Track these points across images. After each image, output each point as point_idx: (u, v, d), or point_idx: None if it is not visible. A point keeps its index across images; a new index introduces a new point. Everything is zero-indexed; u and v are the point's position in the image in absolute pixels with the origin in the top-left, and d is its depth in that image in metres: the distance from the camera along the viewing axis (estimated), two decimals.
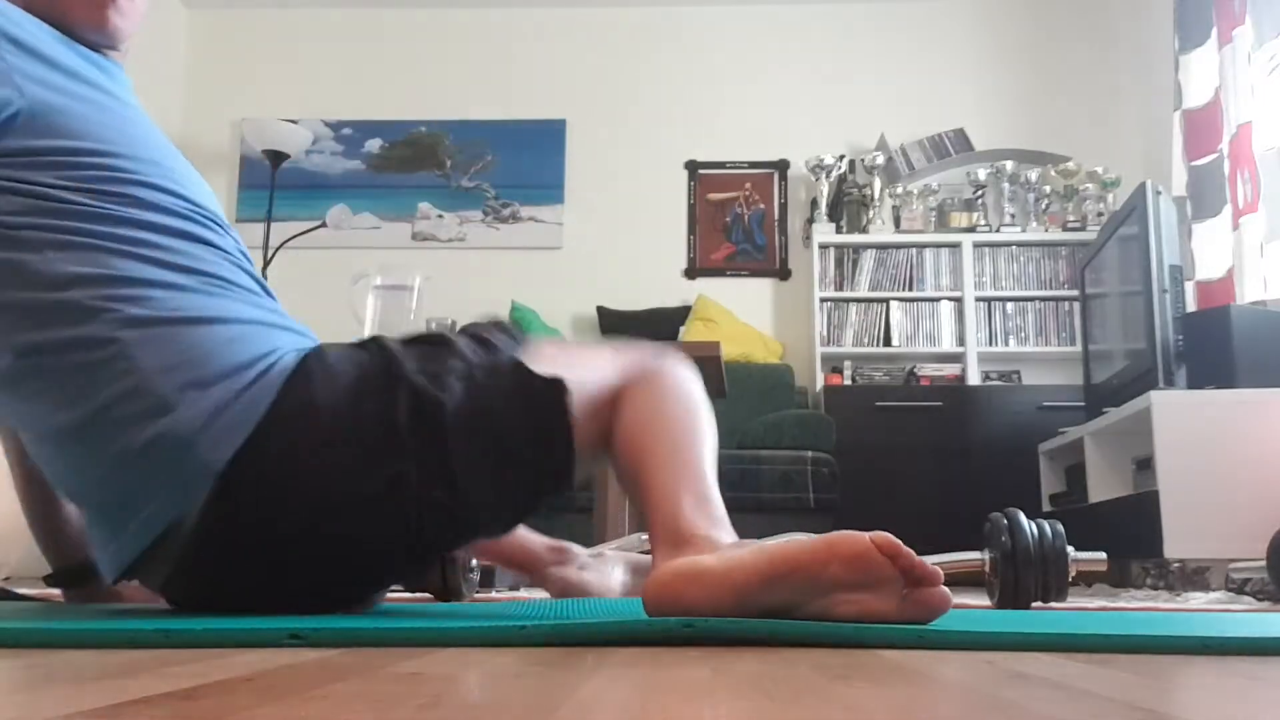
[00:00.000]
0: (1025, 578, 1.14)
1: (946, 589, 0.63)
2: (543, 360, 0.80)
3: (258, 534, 0.73)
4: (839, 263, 3.36)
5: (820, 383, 3.22)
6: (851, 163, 3.49)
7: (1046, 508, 2.73)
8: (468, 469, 0.75)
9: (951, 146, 3.49)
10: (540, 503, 0.83)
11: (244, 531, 0.73)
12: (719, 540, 0.70)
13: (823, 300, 3.30)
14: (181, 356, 0.72)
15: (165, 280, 0.74)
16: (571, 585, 1.16)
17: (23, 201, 0.73)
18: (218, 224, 0.82)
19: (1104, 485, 2.37)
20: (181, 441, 0.70)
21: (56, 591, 1.03)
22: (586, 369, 0.82)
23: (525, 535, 1.18)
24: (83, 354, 0.72)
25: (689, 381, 0.84)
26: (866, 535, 0.61)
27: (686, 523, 0.71)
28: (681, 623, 0.58)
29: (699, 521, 0.71)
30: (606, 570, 1.20)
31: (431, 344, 0.80)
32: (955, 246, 3.33)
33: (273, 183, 3.44)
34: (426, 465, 0.74)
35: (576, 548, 1.20)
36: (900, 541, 0.61)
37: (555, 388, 0.77)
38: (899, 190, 3.41)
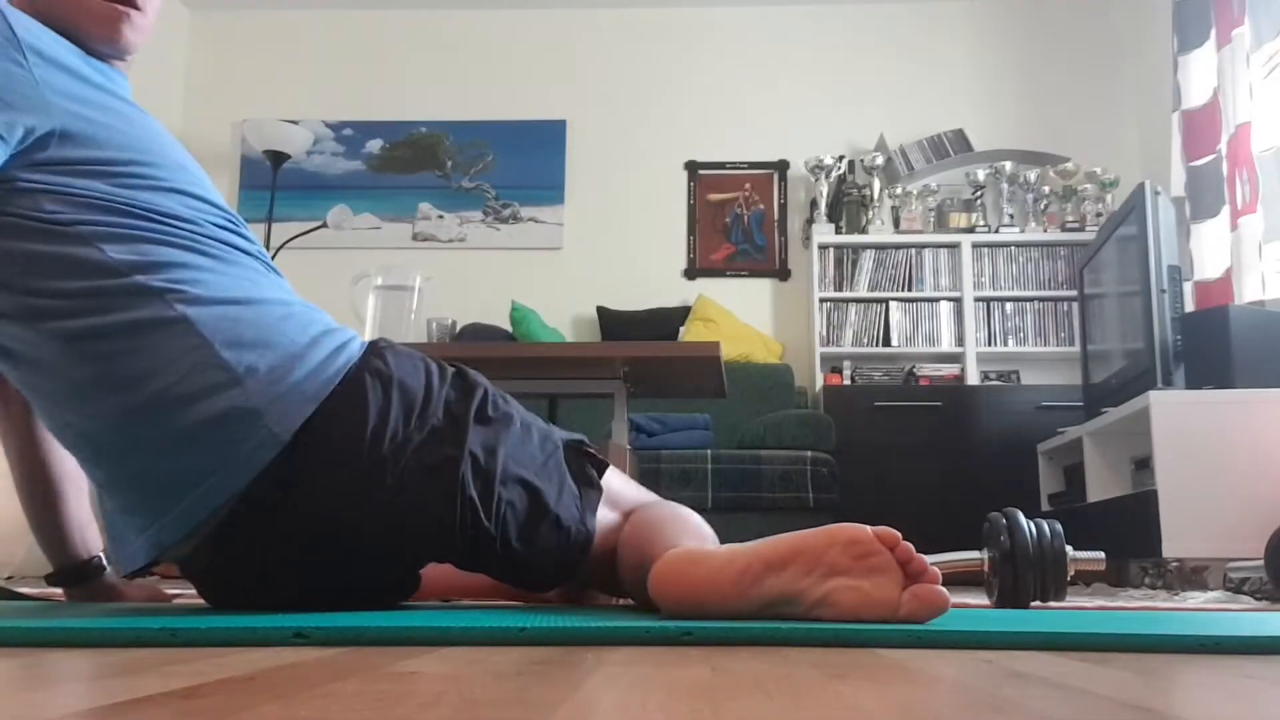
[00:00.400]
0: (1024, 577, 1.14)
1: (944, 589, 0.63)
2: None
3: (311, 506, 0.76)
4: (838, 263, 3.36)
5: (820, 383, 3.22)
6: (851, 163, 3.49)
7: (1045, 507, 2.73)
8: (505, 498, 0.80)
9: (950, 147, 3.50)
10: (555, 571, 0.87)
11: (297, 504, 0.75)
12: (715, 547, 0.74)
13: (822, 300, 3.31)
14: (247, 332, 0.76)
15: (215, 267, 0.78)
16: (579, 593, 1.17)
17: (69, 199, 0.75)
18: (238, 228, 0.85)
19: (1102, 485, 2.38)
20: (252, 412, 0.73)
21: (58, 590, 1.03)
22: (621, 482, 0.91)
23: None
24: (150, 333, 0.74)
25: (695, 515, 0.89)
26: (867, 526, 0.64)
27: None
28: (680, 629, 0.58)
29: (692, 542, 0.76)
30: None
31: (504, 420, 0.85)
32: (954, 247, 3.33)
33: (273, 183, 3.44)
34: (468, 475, 0.78)
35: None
36: (899, 534, 0.63)
37: (596, 463, 0.87)
38: (898, 191, 3.41)
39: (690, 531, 0.81)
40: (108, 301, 0.74)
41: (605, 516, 0.86)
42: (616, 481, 0.91)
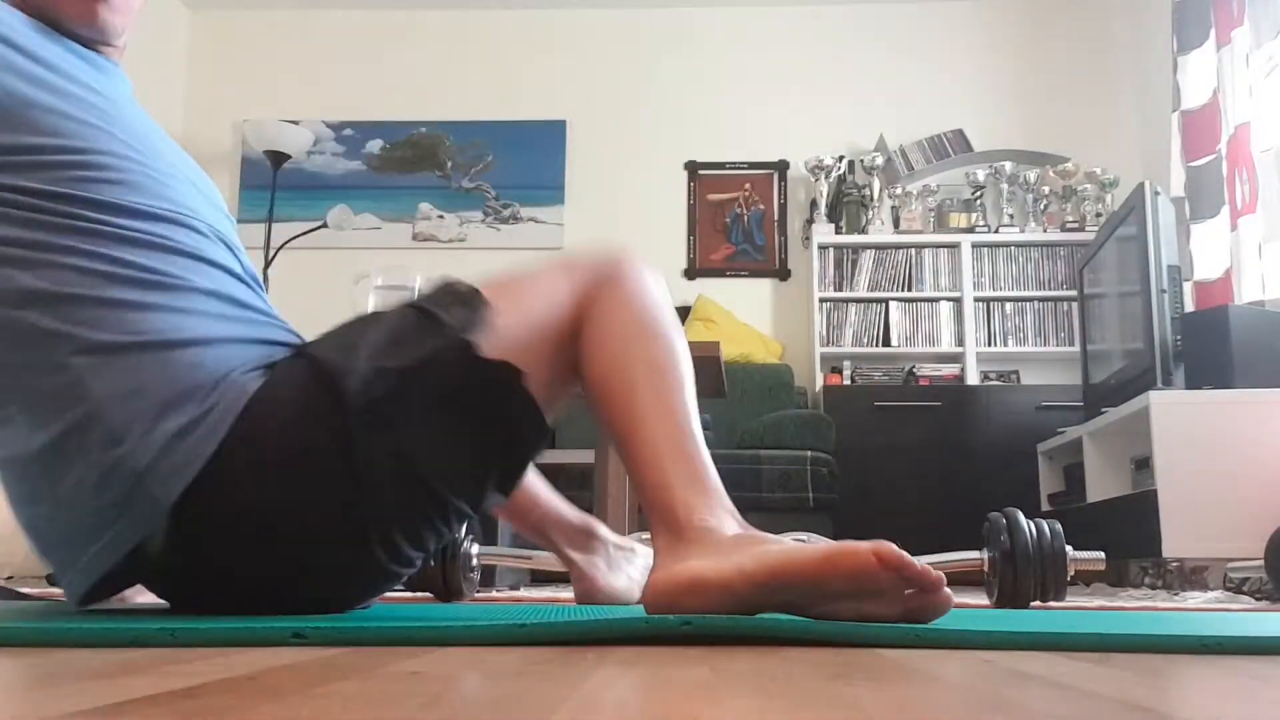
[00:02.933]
0: (1024, 577, 1.14)
1: (949, 590, 0.63)
2: (495, 316, 0.75)
3: (219, 562, 0.72)
4: (838, 263, 3.36)
5: (820, 383, 3.22)
6: (851, 163, 3.49)
7: (1045, 507, 2.73)
8: (430, 470, 0.73)
9: (950, 147, 3.50)
10: (522, 474, 0.81)
11: (205, 559, 0.72)
12: (718, 532, 0.68)
13: (822, 300, 3.31)
14: (136, 385, 0.69)
15: (128, 300, 0.71)
16: (599, 594, 1.11)
17: None
18: (196, 225, 0.78)
19: (1102, 485, 2.38)
20: (134, 475, 0.68)
21: (58, 590, 1.03)
22: (539, 301, 0.78)
23: (551, 501, 1.12)
24: (37, 379, 0.69)
25: (653, 294, 0.81)
26: (868, 547, 0.59)
27: (683, 509, 0.70)
28: (680, 620, 0.58)
29: (696, 509, 0.70)
30: (634, 573, 1.15)
31: (370, 338, 0.75)
32: (954, 247, 3.33)
33: (274, 183, 3.45)
34: (376, 480, 0.71)
35: (603, 531, 1.15)
36: (902, 552, 0.59)
37: (508, 373, 0.74)
38: (898, 191, 3.41)
39: (667, 400, 0.74)
40: (7, 338, 0.69)
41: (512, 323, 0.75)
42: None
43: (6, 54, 0.73)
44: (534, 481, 1.11)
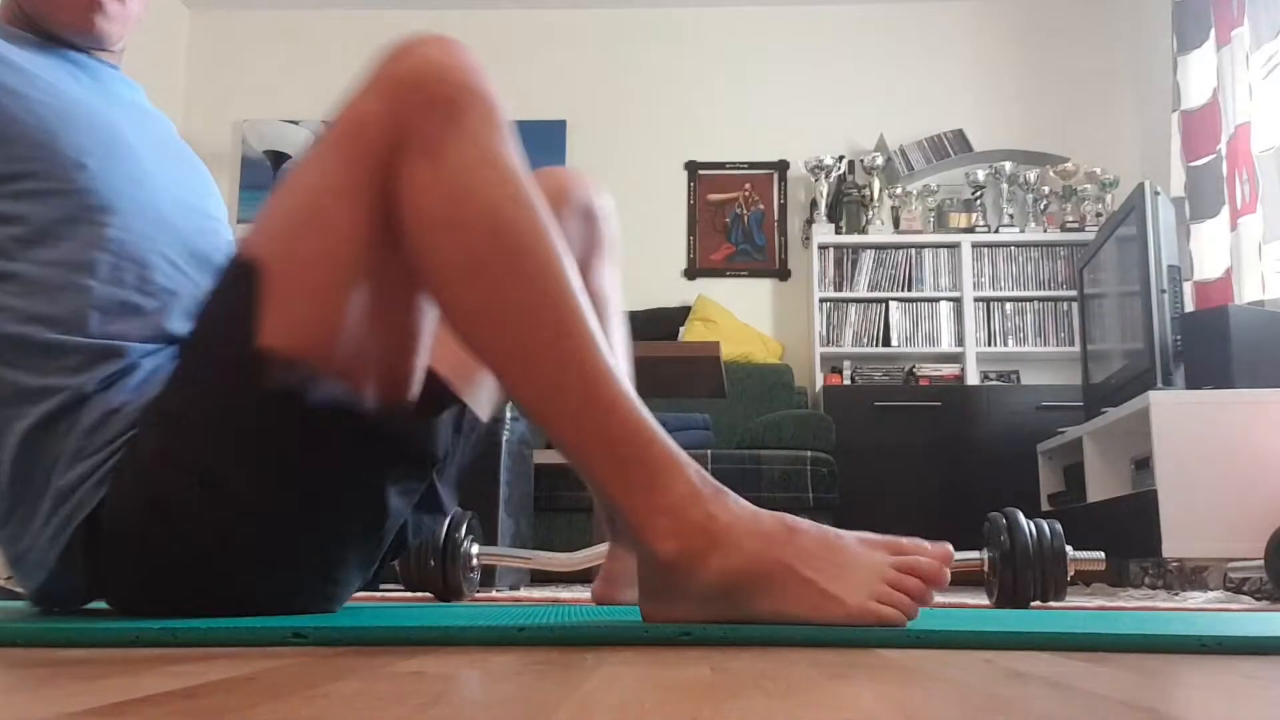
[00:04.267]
0: (1024, 577, 1.14)
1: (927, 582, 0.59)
2: (277, 302, 0.56)
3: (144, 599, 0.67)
4: (838, 263, 3.36)
5: (820, 383, 3.22)
6: (851, 163, 3.49)
7: (1045, 507, 2.73)
8: (283, 538, 0.63)
9: (950, 147, 3.50)
10: (412, 488, 0.67)
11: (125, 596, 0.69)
12: (687, 552, 0.57)
13: (822, 300, 3.31)
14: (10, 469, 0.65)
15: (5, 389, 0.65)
16: (618, 600, 1.02)
17: None
18: (117, 234, 0.69)
19: (1102, 485, 2.38)
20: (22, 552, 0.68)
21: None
22: (325, 236, 0.56)
23: None
24: None
25: (479, 153, 0.55)
26: (889, 614, 0.56)
27: (634, 521, 0.57)
28: (679, 630, 0.58)
29: (643, 510, 0.56)
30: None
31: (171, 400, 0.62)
32: (954, 247, 3.33)
33: (274, 183, 3.44)
34: (236, 566, 0.63)
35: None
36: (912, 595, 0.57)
37: (297, 398, 0.57)
38: (898, 191, 3.41)
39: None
40: None
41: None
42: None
43: None
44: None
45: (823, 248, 3.35)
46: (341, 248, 0.56)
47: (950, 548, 0.61)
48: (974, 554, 1.24)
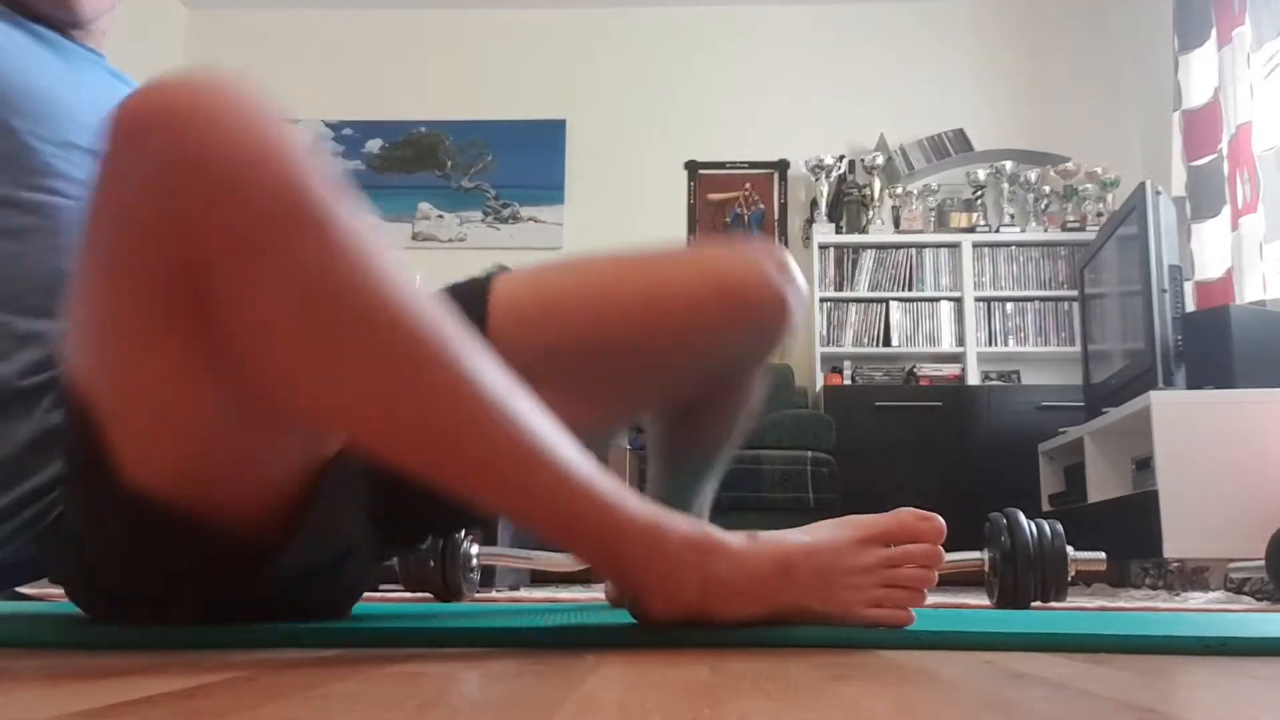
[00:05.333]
0: (1024, 577, 1.14)
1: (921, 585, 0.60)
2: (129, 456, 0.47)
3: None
4: (839, 263, 3.36)
5: (820, 383, 3.22)
6: (851, 163, 3.49)
7: (1046, 507, 2.73)
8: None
9: (951, 147, 3.49)
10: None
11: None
12: (677, 610, 0.53)
13: (822, 300, 3.31)
14: None
15: None
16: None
17: None
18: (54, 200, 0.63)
19: (1103, 485, 2.38)
20: None
21: (59, 591, 1.03)
22: (134, 373, 0.45)
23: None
24: None
25: (324, 239, 0.42)
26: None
27: (627, 591, 0.55)
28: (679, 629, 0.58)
29: (627, 583, 0.54)
30: None
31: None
32: (955, 247, 3.33)
33: None
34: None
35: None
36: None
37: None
38: (898, 190, 3.41)
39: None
40: None
41: None
42: None
43: None
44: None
45: (823, 247, 3.35)
46: (165, 383, 0.43)
47: (940, 521, 0.61)
48: (975, 554, 1.24)
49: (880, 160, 3.41)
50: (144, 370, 0.43)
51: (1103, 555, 1.24)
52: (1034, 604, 1.18)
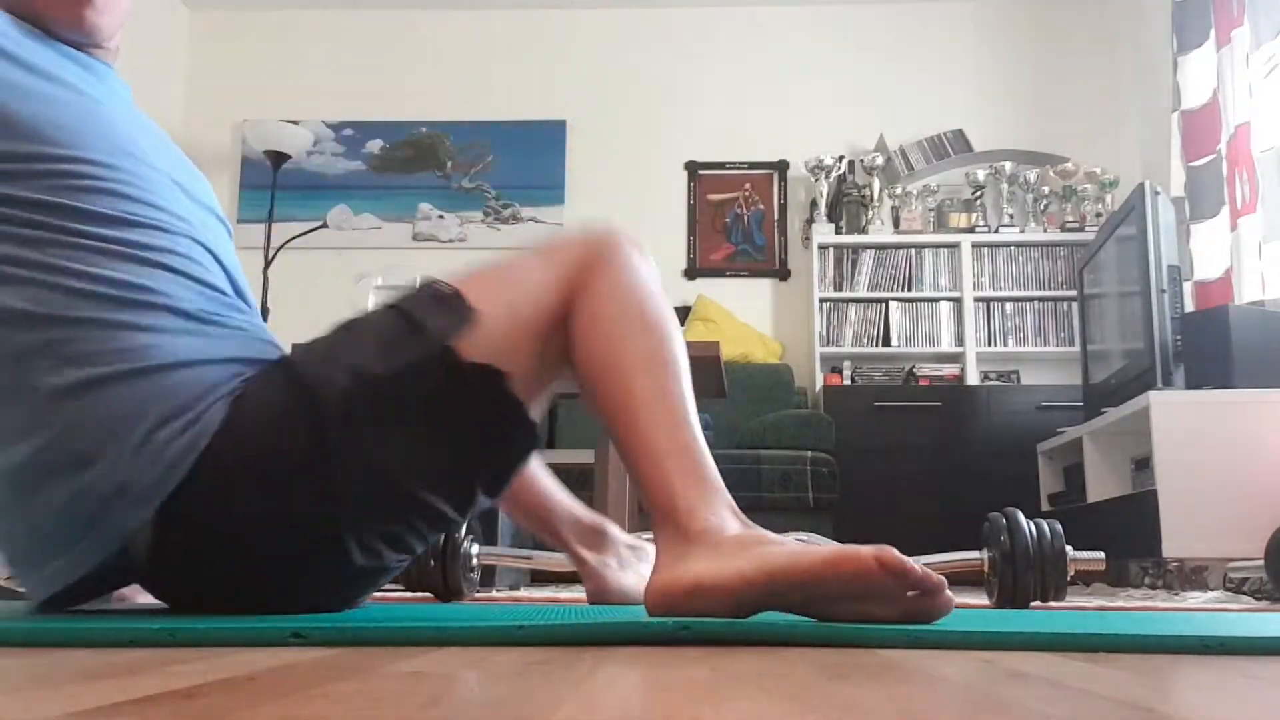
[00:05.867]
0: (1024, 577, 1.14)
1: (950, 593, 0.63)
2: (478, 316, 0.73)
3: (202, 569, 0.72)
4: (838, 263, 3.36)
5: (820, 383, 3.22)
6: (851, 163, 3.49)
7: (1045, 507, 2.73)
8: (408, 477, 0.72)
9: (950, 147, 3.50)
10: (510, 477, 0.81)
11: (188, 566, 0.72)
12: (719, 532, 0.68)
13: (822, 300, 3.31)
14: (105, 412, 0.68)
15: (102, 319, 0.70)
16: (610, 593, 1.10)
17: None
18: (175, 230, 0.76)
19: (1102, 485, 2.38)
20: (101, 499, 0.68)
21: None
22: (522, 293, 0.76)
23: (563, 502, 1.11)
24: (9, 401, 0.69)
25: (644, 280, 0.77)
26: (870, 551, 0.59)
27: (684, 508, 0.69)
28: (678, 624, 0.58)
29: (698, 509, 0.69)
30: (645, 571, 1.13)
31: (351, 347, 0.74)
32: (954, 247, 3.33)
33: (274, 183, 3.44)
34: (352, 487, 0.71)
35: (615, 531, 1.14)
36: (904, 558, 0.59)
37: (490, 378, 0.72)
38: (898, 191, 3.41)
39: (664, 393, 0.73)
40: None
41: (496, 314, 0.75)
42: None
43: None
44: (545, 480, 1.10)
45: (823, 248, 3.35)
46: (533, 311, 0.77)
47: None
48: (974, 554, 1.24)
49: (880, 160, 3.41)
50: (530, 300, 0.77)
51: (1102, 555, 1.24)
52: (1033, 604, 1.18)
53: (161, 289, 0.73)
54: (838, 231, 3.39)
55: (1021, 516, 1.18)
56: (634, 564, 1.14)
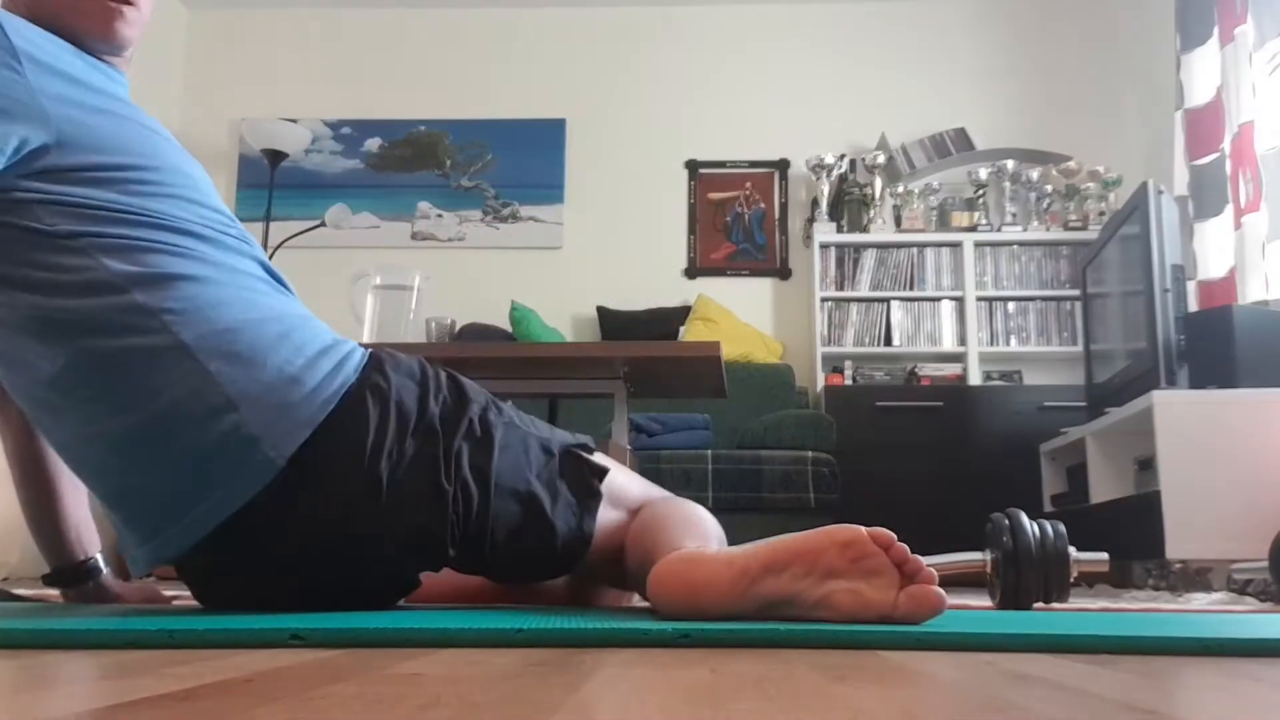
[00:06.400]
0: (1027, 578, 1.14)
1: (941, 590, 0.63)
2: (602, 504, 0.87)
3: (307, 521, 0.76)
4: (840, 262, 3.35)
5: (821, 383, 3.22)
6: (852, 162, 3.48)
7: (1048, 508, 2.72)
8: (500, 510, 0.81)
9: (952, 146, 3.49)
10: (553, 572, 0.89)
11: (294, 519, 0.76)
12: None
13: (823, 300, 3.30)
14: (244, 354, 0.75)
15: (214, 278, 0.77)
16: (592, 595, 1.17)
17: (67, 210, 0.75)
18: (237, 232, 0.85)
19: (1105, 485, 2.37)
20: (249, 438, 0.73)
21: (54, 591, 1.03)
22: (626, 480, 0.91)
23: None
24: (147, 359, 0.74)
25: (702, 510, 0.89)
26: (861, 527, 0.66)
27: (691, 544, 0.77)
28: (678, 630, 0.58)
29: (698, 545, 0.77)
30: None
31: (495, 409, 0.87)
32: (956, 246, 3.33)
33: (271, 182, 3.44)
34: (464, 487, 0.79)
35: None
36: (894, 535, 0.65)
37: (595, 470, 0.86)
38: (900, 189, 3.40)
39: (696, 531, 0.81)
40: (105, 322, 0.74)
41: (609, 516, 0.87)
42: (621, 479, 0.91)
43: (57, 85, 0.76)
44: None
45: (824, 247, 3.35)
46: (629, 493, 0.91)
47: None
48: (976, 555, 1.24)
49: (881, 159, 3.40)
50: (624, 499, 0.91)
51: (1105, 556, 1.23)
52: (1036, 605, 1.17)
53: (253, 271, 0.82)
54: (839, 230, 3.38)
55: (1024, 517, 1.18)
56: None
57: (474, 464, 0.79)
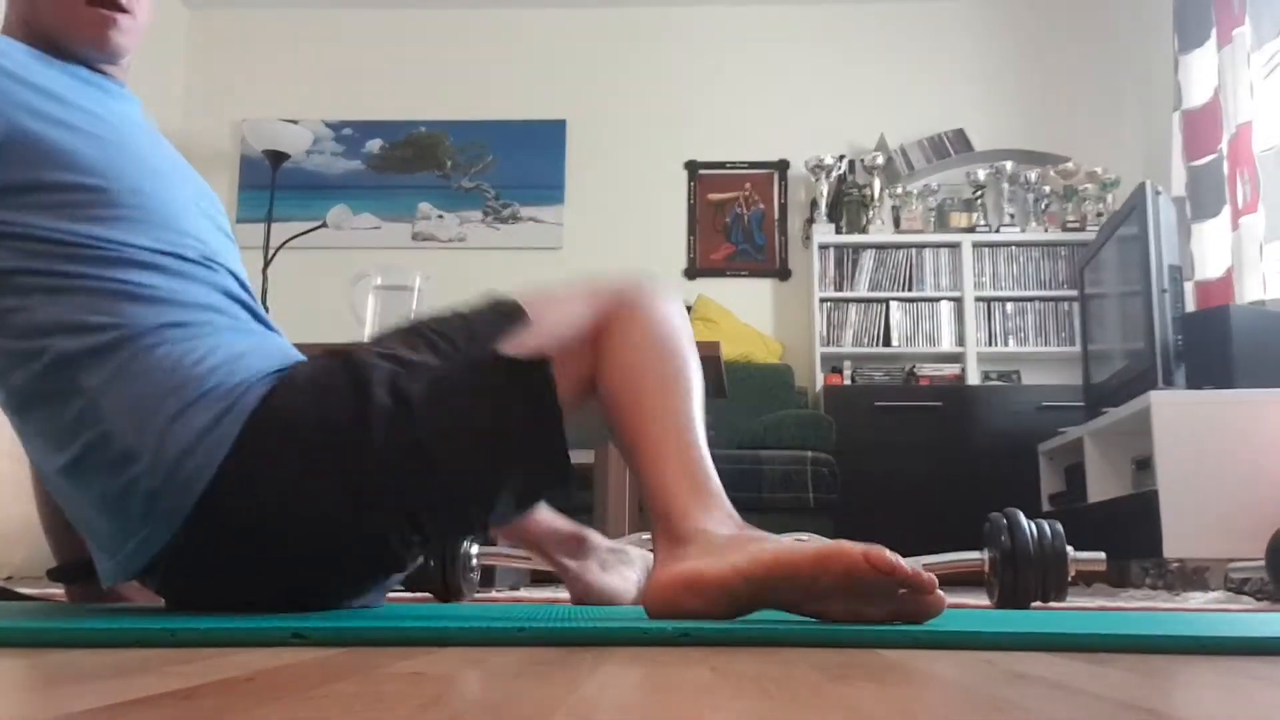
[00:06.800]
0: (1024, 577, 1.14)
1: (942, 593, 0.63)
2: (527, 330, 0.81)
3: (239, 550, 0.75)
4: (839, 263, 3.36)
5: (820, 383, 3.22)
6: (851, 163, 3.49)
7: (1046, 507, 2.73)
8: (452, 467, 0.76)
9: (951, 147, 3.49)
10: (540, 493, 0.85)
11: (225, 548, 0.75)
12: (715, 534, 0.71)
13: (822, 300, 3.31)
14: (149, 406, 0.72)
15: (147, 323, 0.74)
16: (593, 592, 1.14)
17: (13, 246, 0.74)
18: (199, 254, 0.80)
19: (1103, 485, 2.38)
20: (149, 490, 0.72)
21: (58, 590, 1.03)
22: (563, 318, 0.83)
23: (544, 516, 1.15)
24: (59, 404, 0.74)
25: (670, 316, 0.84)
26: (859, 549, 0.61)
27: (683, 515, 0.73)
28: (678, 630, 0.58)
29: (695, 512, 0.73)
30: (627, 573, 1.17)
31: (408, 341, 0.80)
32: (955, 246, 3.33)
33: (273, 183, 3.44)
34: (402, 474, 0.75)
35: (595, 538, 1.17)
36: (894, 557, 0.61)
37: (541, 369, 0.78)
38: (899, 190, 3.41)
39: (676, 407, 0.78)
40: (27, 363, 0.74)
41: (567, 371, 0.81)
42: (556, 330, 0.83)
43: (19, 91, 0.75)
44: None
45: (823, 247, 3.35)
46: (571, 330, 0.83)
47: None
48: (974, 554, 1.24)
49: (880, 160, 3.41)
50: (571, 320, 0.83)
51: (1103, 555, 1.23)
52: (1034, 604, 1.18)
53: (203, 301, 0.78)
54: (838, 231, 3.39)
55: (1022, 516, 1.18)
56: (616, 566, 1.17)
57: (404, 465, 0.74)
